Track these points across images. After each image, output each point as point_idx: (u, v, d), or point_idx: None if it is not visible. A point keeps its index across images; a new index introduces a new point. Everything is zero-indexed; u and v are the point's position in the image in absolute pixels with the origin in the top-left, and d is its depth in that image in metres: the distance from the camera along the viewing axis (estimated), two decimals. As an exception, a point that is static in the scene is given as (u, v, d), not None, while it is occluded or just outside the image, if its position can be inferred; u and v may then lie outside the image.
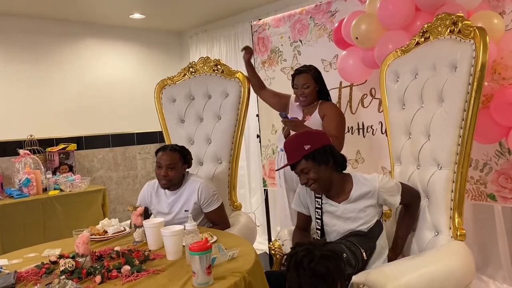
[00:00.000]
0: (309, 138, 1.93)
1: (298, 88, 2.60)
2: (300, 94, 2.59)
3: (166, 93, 2.96)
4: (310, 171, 1.86)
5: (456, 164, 1.88)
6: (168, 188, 2.38)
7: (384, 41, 2.43)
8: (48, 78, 4.47)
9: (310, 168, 1.86)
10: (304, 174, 1.87)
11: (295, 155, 1.88)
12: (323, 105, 2.60)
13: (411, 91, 2.14)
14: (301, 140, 1.91)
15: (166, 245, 1.75)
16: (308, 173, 1.86)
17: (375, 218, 1.89)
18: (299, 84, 2.59)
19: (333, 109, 2.61)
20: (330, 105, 2.63)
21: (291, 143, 1.95)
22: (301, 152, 1.86)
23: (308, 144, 1.87)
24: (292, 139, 2.00)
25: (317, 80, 2.59)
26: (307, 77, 2.57)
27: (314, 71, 2.60)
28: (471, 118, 1.82)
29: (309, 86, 2.57)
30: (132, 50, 5.07)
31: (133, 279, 1.52)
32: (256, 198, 4.57)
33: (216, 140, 2.85)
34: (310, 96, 2.59)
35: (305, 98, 2.59)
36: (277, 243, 2.18)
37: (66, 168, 4.23)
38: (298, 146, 1.88)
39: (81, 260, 1.64)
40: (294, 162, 1.88)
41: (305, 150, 1.85)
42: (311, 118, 2.57)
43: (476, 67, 1.79)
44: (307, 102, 2.61)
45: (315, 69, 2.61)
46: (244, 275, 1.49)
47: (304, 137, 1.95)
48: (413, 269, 1.67)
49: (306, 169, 1.86)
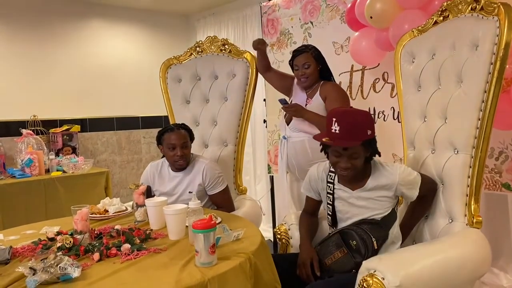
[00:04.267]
0: (370, 122, 1.75)
1: (298, 69, 2.46)
2: (301, 75, 2.45)
3: (172, 72, 2.88)
4: (359, 158, 1.71)
5: (474, 149, 1.79)
6: (184, 168, 2.31)
7: (400, 20, 2.32)
8: (53, 58, 4.40)
9: (360, 154, 1.71)
10: (351, 158, 1.70)
11: (355, 137, 1.68)
12: (324, 86, 2.46)
13: (427, 72, 2.04)
14: (364, 122, 1.73)
15: (169, 224, 1.68)
16: (356, 158, 1.70)
17: (390, 208, 1.78)
18: (299, 65, 2.44)
19: (335, 89, 2.47)
20: (331, 85, 2.48)
21: (354, 122, 1.70)
22: (362, 135, 1.69)
23: (370, 128, 1.72)
24: (356, 117, 1.74)
25: (318, 58, 2.46)
26: (307, 56, 2.43)
27: (313, 49, 2.47)
28: (492, 99, 1.71)
29: (310, 65, 2.43)
30: (138, 33, 4.98)
31: (133, 257, 1.45)
32: (261, 186, 4.50)
33: (222, 122, 2.77)
34: (312, 76, 2.44)
35: (306, 78, 2.44)
36: (283, 227, 2.10)
37: (69, 150, 4.18)
38: (360, 128, 1.70)
39: (79, 237, 1.57)
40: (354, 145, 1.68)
41: (367, 135, 1.70)
42: (312, 101, 2.45)
43: (500, 46, 1.69)
44: (308, 83, 2.46)
45: (315, 48, 2.48)
46: (249, 256, 1.41)
47: (367, 119, 1.76)
48: (427, 255, 1.59)
49: (356, 154, 1.70)
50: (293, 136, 2.48)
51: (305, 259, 1.78)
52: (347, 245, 1.72)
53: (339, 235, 1.76)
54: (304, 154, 2.42)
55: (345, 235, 1.74)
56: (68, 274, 1.28)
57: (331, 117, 1.72)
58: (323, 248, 1.81)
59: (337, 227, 1.84)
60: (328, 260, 1.77)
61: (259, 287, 1.42)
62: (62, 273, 1.27)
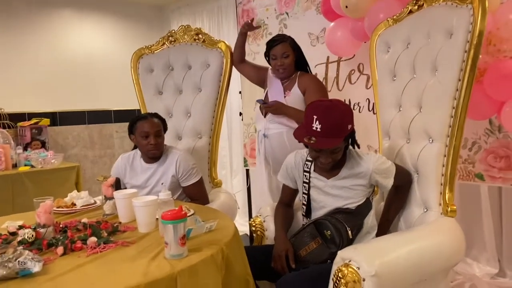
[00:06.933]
0: (350, 116, 1.69)
1: (276, 59, 2.38)
2: (279, 65, 2.38)
3: (144, 62, 2.79)
4: (339, 151, 1.68)
5: (448, 137, 1.78)
6: (155, 158, 2.24)
7: (375, 10, 2.31)
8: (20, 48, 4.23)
9: (341, 148, 1.68)
10: (332, 154, 1.66)
11: (337, 134, 1.62)
12: (303, 78, 2.40)
13: (402, 62, 2.03)
14: (345, 118, 1.67)
15: (138, 216, 1.61)
16: (337, 153, 1.67)
17: (364, 196, 1.75)
18: (278, 54, 2.37)
19: (314, 82, 2.42)
20: (310, 78, 2.43)
21: (335, 119, 1.63)
22: (344, 131, 1.65)
23: (350, 122, 1.67)
24: (337, 114, 1.64)
25: (295, 49, 2.41)
26: (285, 46, 2.37)
27: (290, 39, 2.41)
28: (466, 87, 1.71)
29: (289, 55, 2.37)
30: (111, 24, 4.85)
31: (99, 251, 1.38)
32: (238, 180, 4.46)
33: (196, 113, 2.70)
34: (290, 67, 2.39)
35: (284, 69, 2.38)
36: (258, 219, 2.06)
37: (39, 144, 4.03)
38: (342, 125, 1.64)
39: (42, 230, 1.49)
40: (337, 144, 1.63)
41: (347, 130, 1.66)
42: (291, 94, 2.38)
43: (474, 34, 1.68)
44: (286, 73, 2.40)
45: (291, 38, 2.43)
46: (222, 248, 1.36)
47: (348, 114, 1.69)
48: (403, 244, 1.57)
49: (338, 149, 1.66)
50: (271, 128, 2.42)
51: (280, 251, 1.75)
52: (322, 235, 1.69)
53: (314, 225, 1.73)
54: (282, 147, 2.37)
55: (320, 225, 1.71)
56: (28, 269, 1.20)
57: (311, 114, 1.65)
58: (298, 240, 1.78)
59: (311, 217, 1.81)
60: (303, 251, 1.74)
61: (230, 279, 1.37)
62: (21, 267, 1.19)
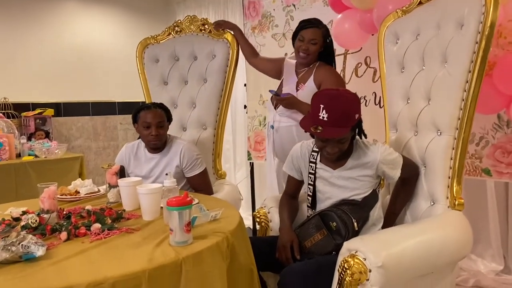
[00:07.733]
0: (358, 105, 1.65)
1: (303, 41, 2.23)
2: (304, 49, 2.23)
3: (149, 52, 2.77)
4: (346, 141, 1.65)
5: (457, 130, 1.75)
6: (158, 149, 2.22)
7: (384, 1, 2.28)
8: (25, 39, 4.22)
9: (348, 138, 1.65)
10: (339, 143, 1.63)
11: (344, 124, 1.60)
12: (320, 70, 2.27)
13: (411, 53, 2.00)
14: (352, 107, 1.63)
15: (142, 204, 1.60)
16: (344, 143, 1.64)
17: (371, 188, 1.73)
18: (306, 38, 2.22)
19: (332, 76, 2.26)
20: (327, 70, 2.28)
21: (342, 109, 1.60)
22: (351, 121, 1.61)
23: (357, 112, 1.63)
24: (344, 103, 1.61)
25: (326, 40, 2.28)
26: (317, 33, 2.23)
27: (325, 28, 2.27)
28: (476, 79, 1.68)
29: (317, 43, 2.23)
30: (116, 15, 4.83)
31: (103, 237, 1.37)
32: (241, 173, 4.44)
33: (201, 104, 2.68)
34: (313, 56, 2.26)
35: (308, 55, 2.25)
36: (263, 210, 2.04)
37: (43, 134, 4.03)
38: (349, 114, 1.61)
39: (46, 216, 1.48)
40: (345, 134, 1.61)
41: (354, 120, 1.62)
42: (305, 88, 2.27)
43: (486, 24, 1.65)
44: (307, 60, 2.27)
45: (326, 27, 2.30)
46: (227, 236, 1.34)
47: (355, 103, 1.65)
48: (410, 236, 1.55)
49: (345, 139, 1.63)
50: (280, 121, 2.34)
51: (285, 242, 1.73)
52: (327, 226, 1.67)
53: (319, 216, 1.71)
54: (291, 142, 2.30)
55: (325, 216, 1.70)
56: (32, 252, 1.19)
57: (318, 103, 1.61)
58: (303, 231, 1.76)
59: (316, 209, 1.79)
60: (308, 243, 1.72)
61: (235, 268, 1.36)
62: (24, 251, 1.18)
